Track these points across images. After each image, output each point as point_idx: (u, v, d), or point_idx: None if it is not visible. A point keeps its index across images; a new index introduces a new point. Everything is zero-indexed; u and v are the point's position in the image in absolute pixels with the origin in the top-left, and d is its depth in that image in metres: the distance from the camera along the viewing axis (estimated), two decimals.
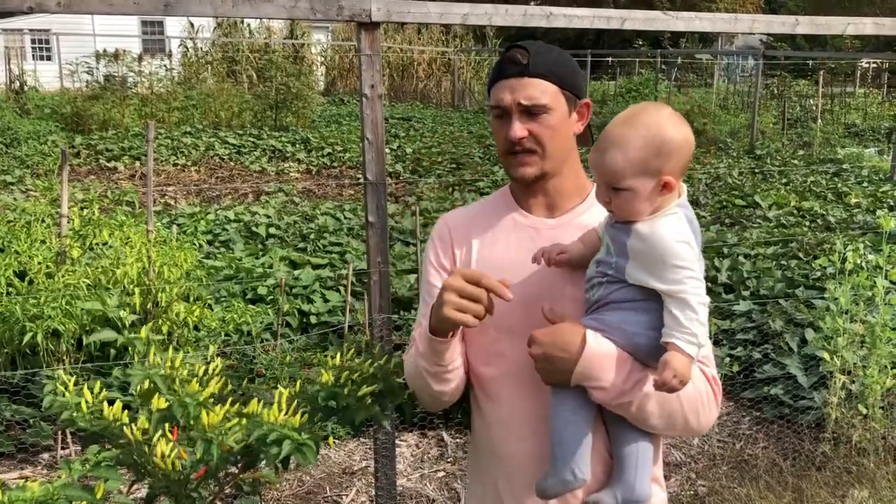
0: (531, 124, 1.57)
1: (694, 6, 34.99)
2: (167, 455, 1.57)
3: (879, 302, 3.77)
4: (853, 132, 16.30)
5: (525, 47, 1.59)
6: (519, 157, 1.59)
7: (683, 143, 1.42)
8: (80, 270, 4.01)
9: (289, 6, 2.74)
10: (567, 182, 1.65)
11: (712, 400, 1.54)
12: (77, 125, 14.51)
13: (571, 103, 1.61)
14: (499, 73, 1.61)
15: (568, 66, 1.61)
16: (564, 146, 1.61)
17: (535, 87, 1.56)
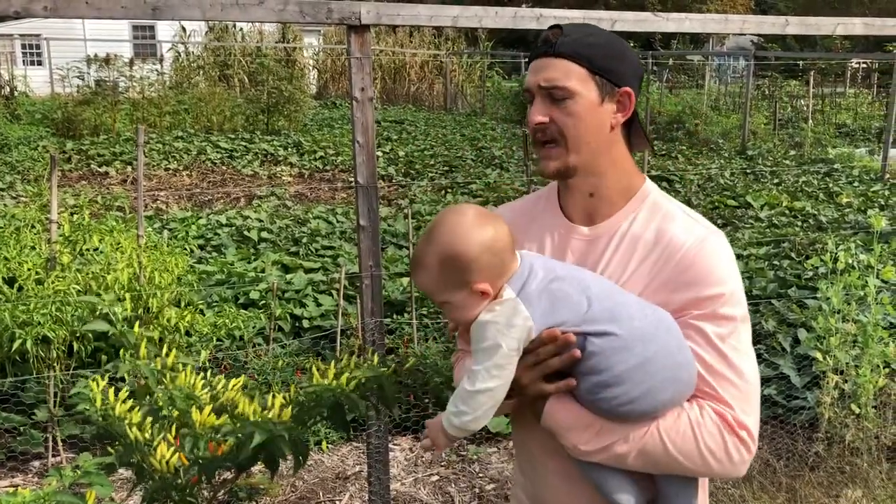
0: (554, 110, 1.42)
1: (685, 8, 35.12)
2: (166, 458, 1.56)
3: (871, 301, 3.78)
4: (844, 132, 16.36)
5: (561, 26, 1.44)
6: (542, 149, 1.46)
7: (479, 253, 1.35)
8: (71, 276, 3.99)
9: (278, 9, 2.73)
10: (609, 183, 1.48)
11: (728, 448, 1.35)
12: (68, 130, 14.46)
13: (605, 90, 1.42)
14: (532, 53, 1.47)
15: (604, 48, 1.43)
16: (595, 139, 1.44)
17: (557, 69, 1.41)
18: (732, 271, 1.42)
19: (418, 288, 1.46)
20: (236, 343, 4.49)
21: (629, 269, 1.44)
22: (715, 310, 1.38)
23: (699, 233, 1.43)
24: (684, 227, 1.44)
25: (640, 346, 1.33)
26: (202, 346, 4.17)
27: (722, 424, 1.35)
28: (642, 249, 1.44)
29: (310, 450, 3.96)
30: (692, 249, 1.40)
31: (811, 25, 3.43)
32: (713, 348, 1.37)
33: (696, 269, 1.39)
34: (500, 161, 12.27)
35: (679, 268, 1.40)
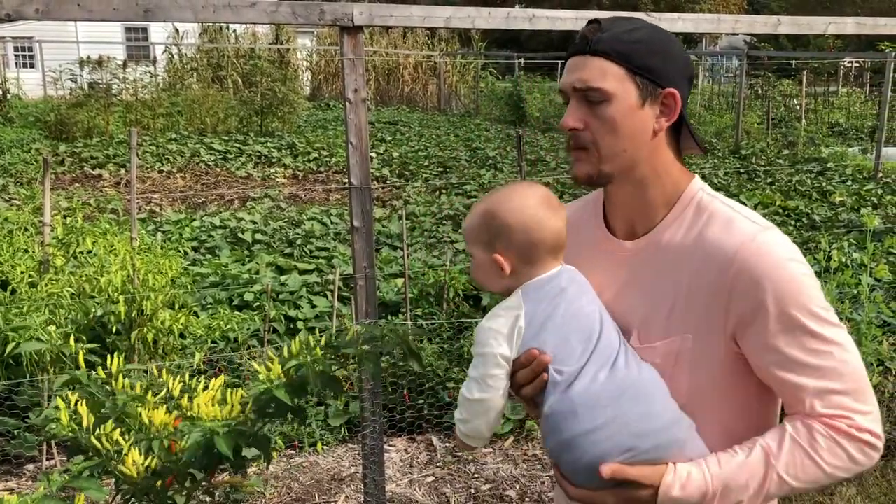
0: (589, 114, 1.30)
1: (678, 8, 35.19)
2: (138, 463, 1.56)
3: (864, 299, 3.79)
4: (837, 131, 16.41)
5: (600, 21, 1.31)
6: (574, 154, 1.34)
7: (516, 226, 1.31)
8: (64, 279, 3.98)
9: (270, 11, 2.72)
10: (651, 192, 1.34)
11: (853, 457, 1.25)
12: (61, 133, 14.42)
13: (647, 92, 1.29)
14: (569, 50, 1.35)
15: (646, 44, 1.28)
16: (633, 145, 1.30)
17: (592, 69, 1.28)
18: (792, 266, 1.25)
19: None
20: (231, 345, 4.48)
21: (674, 287, 1.31)
22: (785, 317, 1.24)
23: (746, 230, 1.27)
24: (728, 226, 1.29)
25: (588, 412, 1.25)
26: (196, 348, 4.16)
27: (838, 436, 1.24)
28: (684, 262, 1.30)
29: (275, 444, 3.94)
30: (739, 252, 1.25)
31: (803, 25, 3.44)
32: (798, 364, 1.24)
33: (748, 276, 1.24)
34: (494, 162, 12.28)
35: (726, 275, 1.25)
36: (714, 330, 1.28)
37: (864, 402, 1.26)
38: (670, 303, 1.30)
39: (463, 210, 8.59)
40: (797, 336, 1.24)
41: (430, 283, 5.24)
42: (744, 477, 1.25)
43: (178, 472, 1.66)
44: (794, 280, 1.25)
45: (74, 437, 1.67)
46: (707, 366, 1.30)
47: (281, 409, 1.71)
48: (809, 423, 1.26)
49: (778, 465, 1.25)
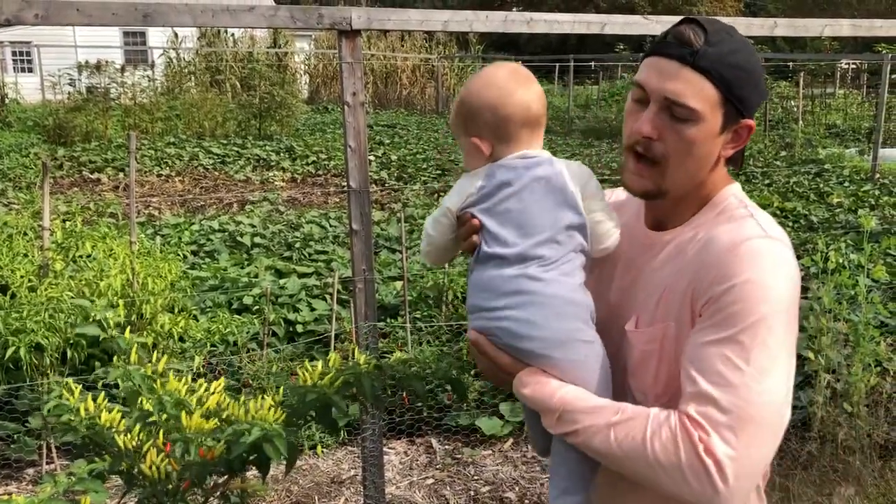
0: (667, 128, 1.24)
1: (675, 10, 35.26)
2: (156, 464, 1.56)
3: (862, 300, 3.80)
4: (834, 133, 16.44)
5: (704, 27, 1.23)
6: (637, 165, 1.29)
7: (483, 108, 1.35)
8: (64, 283, 3.98)
9: (268, 15, 2.74)
10: (689, 199, 1.33)
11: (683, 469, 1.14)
12: (60, 137, 14.43)
13: (730, 120, 1.25)
14: (659, 46, 1.26)
15: (746, 72, 1.23)
16: (697, 169, 1.28)
17: (691, 85, 1.21)
18: (769, 278, 1.18)
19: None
20: (230, 348, 4.49)
21: (666, 279, 1.30)
22: (727, 317, 1.18)
23: (747, 232, 1.23)
24: (733, 227, 1.25)
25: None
26: (196, 351, 4.17)
27: (682, 440, 1.15)
28: (683, 254, 1.29)
29: (300, 452, 3.96)
30: (730, 249, 1.21)
31: (799, 27, 3.46)
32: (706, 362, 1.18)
33: (724, 271, 1.19)
34: None
35: (708, 268, 1.22)
36: (689, 320, 1.25)
37: (739, 437, 1.13)
38: (661, 291, 1.29)
39: None
40: (725, 340, 1.17)
41: (429, 286, 5.25)
42: (586, 418, 1.24)
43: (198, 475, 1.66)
44: (763, 289, 1.17)
45: (92, 431, 1.67)
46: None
47: (323, 416, 1.73)
48: (672, 413, 1.19)
49: (616, 427, 1.20)
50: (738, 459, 1.13)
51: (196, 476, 1.59)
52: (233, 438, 1.58)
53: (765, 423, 1.16)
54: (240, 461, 1.62)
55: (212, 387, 1.75)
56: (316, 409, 1.72)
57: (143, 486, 1.59)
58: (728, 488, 1.13)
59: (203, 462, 1.59)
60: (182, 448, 1.57)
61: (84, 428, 1.69)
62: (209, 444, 1.60)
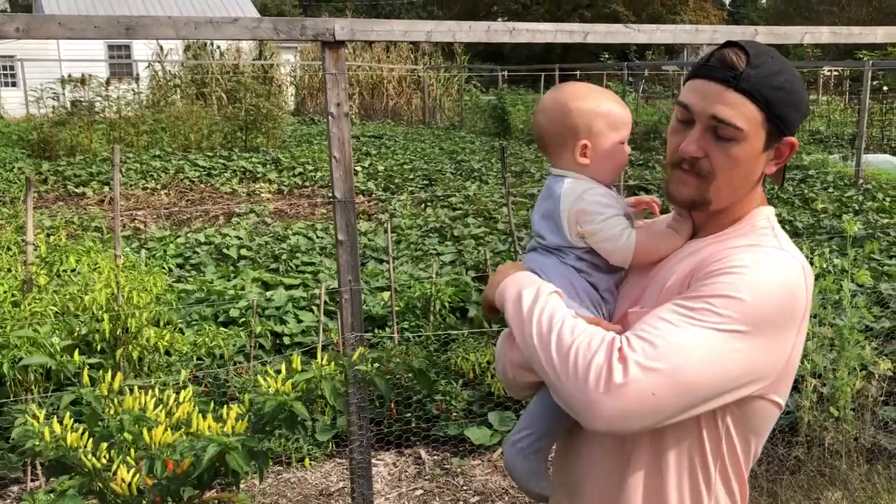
0: (713, 147, 1.29)
1: (658, 19, 35.52)
2: (127, 482, 1.55)
3: (846, 305, 3.83)
4: (818, 139, 16.58)
5: (747, 50, 1.28)
6: (683, 175, 1.33)
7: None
8: (48, 298, 3.95)
9: (251, 27, 2.74)
10: (729, 215, 1.37)
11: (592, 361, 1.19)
12: (44, 151, 14.34)
13: (773, 138, 1.31)
14: (703, 69, 1.31)
15: (790, 94, 1.29)
16: (741, 185, 1.33)
17: (735, 107, 1.27)
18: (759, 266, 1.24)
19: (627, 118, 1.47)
20: (217, 361, 4.47)
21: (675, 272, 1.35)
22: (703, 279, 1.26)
23: (762, 241, 1.31)
24: (752, 237, 1.32)
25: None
26: (182, 365, 4.14)
27: (605, 342, 1.21)
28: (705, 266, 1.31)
29: (284, 462, 3.93)
30: (735, 245, 1.29)
31: (780, 35, 3.49)
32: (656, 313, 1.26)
33: (719, 256, 1.27)
34: (479, 174, 12.32)
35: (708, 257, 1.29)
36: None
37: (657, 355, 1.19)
38: (666, 281, 1.34)
39: (448, 223, 8.61)
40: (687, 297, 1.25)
41: (416, 296, 5.25)
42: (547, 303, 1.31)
43: (170, 490, 1.65)
44: (751, 280, 1.22)
45: (59, 454, 1.66)
46: None
47: (290, 422, 1.71)
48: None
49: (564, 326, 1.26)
50: (636, 384, 1.17)
51: (168, 492, 1.58)
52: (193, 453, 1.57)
53: (675, 358, 1.19)
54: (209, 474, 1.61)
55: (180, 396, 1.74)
56: (278, 417, 1.71)
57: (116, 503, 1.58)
58: (611, 398, 1.17)
59: (174, 477, 1.58)
60: (148, 464, 1.56)
61: (51, 450, 1.68)
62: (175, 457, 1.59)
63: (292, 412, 1.72)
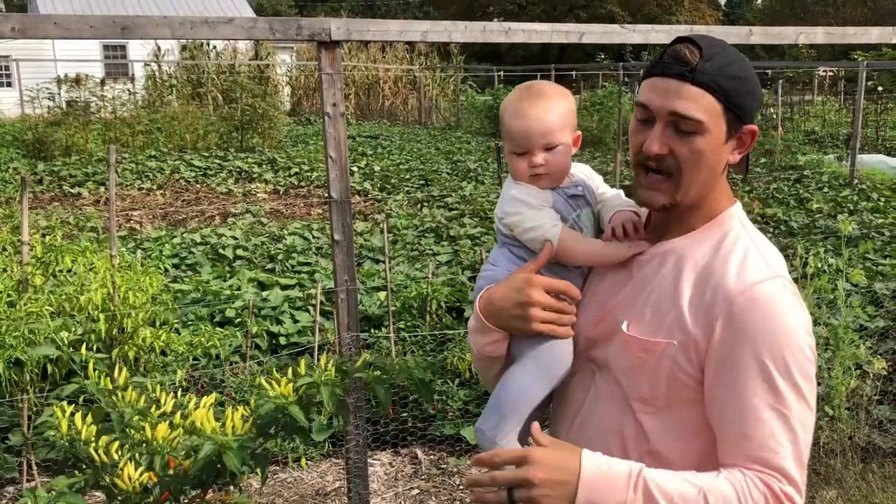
0: (676, 142, 1.30)
1: (654, 20, 35.57)
2: (134, 478, 1.55)
3: (841, 304, 3.84)
4: (813, 139, 16.62)
5: (698, 44, 1.29)
6: (649, 178, 1.35)
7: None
8: (43, 298, 3.95)
9: (247, 27, 2.74)
10: (696, 210, 1.38)
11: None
12: (39, 152, 14.30)
13: (733, 128, 1.32)
14: (657, 66, 1.32)
15: (744, 82, 1.32)
16: (708, 177, 1.34)
17: (693, 101, 1.28)
18: (786, 321, 1.27)
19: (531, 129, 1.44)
20: (213, 361, 4.46)
21: (676, 295, 1.34)
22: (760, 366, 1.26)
23: (757, 273, 1.30)
24: (742, 263, 1.32)
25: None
26: (178, 365, 4.14)
27: (769, 494, 1.24)
28: (693, 279, 1.33)
29: (285, 464, 3.94)
30: (743, 293, 1.28)
31: (774, 35, 3.50)
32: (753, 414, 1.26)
33: (741, 317, 1.27)
34: (475, 174, 12.33)
35: (722, 308, 1.28)
36: (694, 349, 1.31)
37: (802, 462, 1.26)
38: (667, 308, 1.34)
39: (444, 223, 8.61)
40: (764, 389, 1.26)
41: (412, 296, 5.25)
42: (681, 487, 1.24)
43: (173, 488, 1.65)
44: (783, 334, 1.27)
45: (72, 447, 1.67)
46: (680, 376, 1.33)
47: (289, 426, 1.71)
48: (746, 472, 1.25)
49: (709, 488, 1.24)
50: (799, 487, 1.27)
51: (173, 489, 1.59)
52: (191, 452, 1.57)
53: (806, 447, 1.28)
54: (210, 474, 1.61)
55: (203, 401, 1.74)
56: (277, 420, 1.71)
57: (122, 500, 1.58)
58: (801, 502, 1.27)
59: (177, 475, 1.58)
60: (148, 460, 1.56)
61: (66, 444, 1.69)
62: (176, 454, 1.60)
63: (291, 417, 1.72)
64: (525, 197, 1.45)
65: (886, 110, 17.62)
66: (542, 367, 1.42)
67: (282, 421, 1.74)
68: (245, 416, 1.69)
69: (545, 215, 1.44)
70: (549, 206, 1.45)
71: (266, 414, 1.72)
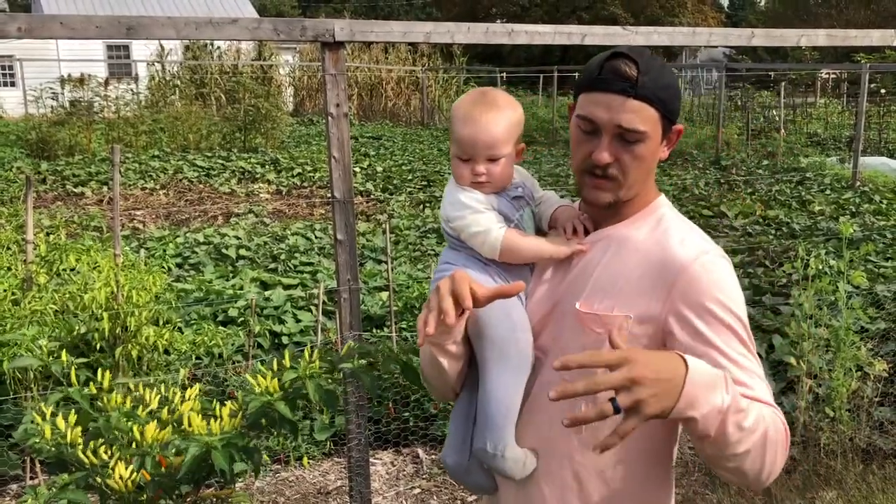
0: (621, 151, 1.41)
1: (656, 21, 35.55)
2: (125, 478, 1.57)
3: (842, 306, 3.85)
4: (815, 141, 16.62)
5: (635, 60, 1.39)
6: (596, 181, 1.45)
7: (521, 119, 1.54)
8: (47, 297, 3.97)
9: (252, 27, 2.76)
10: (632, 204, 1.50)
11: (786, 445, 1.35)
12: (43, 151, 14.34)
13: (666, 130, 1.46)
14: (597, 82, 1.41)
15: (674, 90, 1.44)
16: (646, 176, 1.48)
17: (636, 113, 1.39)
18: (741, 298, 1.42)
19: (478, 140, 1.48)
20: (215, 360, 4.48)
21: (624, 272, 1.43)
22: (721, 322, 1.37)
23: (698, 247, 1.43)
24: (683, 241, 1.44)
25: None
26: (181, 364, 4.15)
27: (780, 423, 1.34)
28: (639, 258, 1.44)
29: (266, 457, 3.93)
30: (690, 264, 1.40)
31: (776, 37, 3.51)
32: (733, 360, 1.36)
33: (692, 285, 1.38)
34: None
35: (673, 279, 1.39)
36: (649, 320, 1.41)
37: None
38: (620, 285, 1.43)
39: None
40: (734, 340, 1.38)
41: (414, 296, 5.26)
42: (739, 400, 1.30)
43: (166, 486, 1.66)
44: (734, 292, 1.41)
45: (59, 451, 1.68)
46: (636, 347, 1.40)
47: (277, 422, 1.72)
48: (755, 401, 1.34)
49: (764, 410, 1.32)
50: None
51: (166, 487, 1.60)
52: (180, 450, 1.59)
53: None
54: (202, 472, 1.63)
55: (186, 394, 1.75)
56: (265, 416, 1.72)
57: (116, 499, 1.60)
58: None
59: (169, 473, 1.60)
60: (139, 460, 1.58)
61: (52, 447, 1.70)
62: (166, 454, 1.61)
63: (278, 412, 1.73)
64: (468, 201, 1.50)
65: (889, 113, 17.60)
66: (514, 366, 1.44)
67: (270, 417, 1.75)
68: (234, 410, 1.70)
69: (489, 218, 1.48)
70: (493, 209, 1.50)
71: (254, 412, 1.73)
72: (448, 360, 1.48)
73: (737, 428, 1.25)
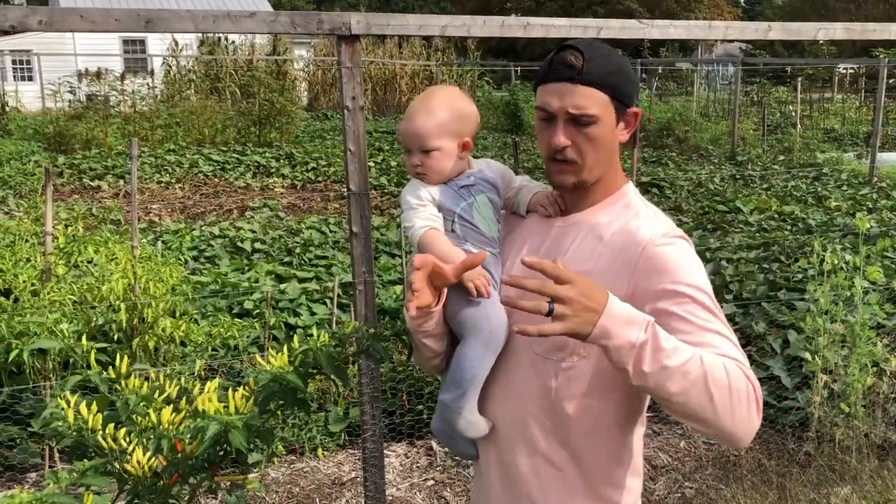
0: (576, 134, 1.52)
1: (672, 16, 35.36)
2: (143, 463, 1.59)
3: (858, 302, 3.83)
4: (832, 137, 16.50)
5: (580, 49, 1.51)
6: (559, 166, 1.56)
7: (476, 116, 1.69)
8: (66, 288, 4.02)
9: (269, 21, 2.77)
10: (600, 189, 1.60)
11: (749, 395, 1.38)
12: (60, 145, 14.46)
13: (620, 112, 1.55)
14: (549, 73, 1.54)
15: (623, 74, 1.54)
16: (606, 156, 1.57)
17: (585, 97, 1.50)
18: (702, 272, 1.50)
19: (410, 133, 1.64)
20: (231, 352, 4.52)
21: (593, 255, 1.53)
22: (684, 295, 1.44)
23: (660, 229, 1.52)
24: (650, 224, 1.53)
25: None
26: (197, 355, 4.19)
27: (740, 370, 1.39)
28: (606, 239, 1.54)
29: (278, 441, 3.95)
30: (651, 243, 1.49)
31: (793, 31, 3.49)
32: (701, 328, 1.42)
33: (653, 262, 1.47)
34: None
35: (637, 258, 1.48)
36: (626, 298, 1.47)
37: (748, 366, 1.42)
38: (588, 266, 1.52)
39: None
40: (703, 311, 1.45)
41: None
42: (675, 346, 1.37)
43: (182, 471, 1.69)
44: (698, 269, 1.50)
45: (80, 436, 1.70)
46: None
47: (289, 398, 1.74)
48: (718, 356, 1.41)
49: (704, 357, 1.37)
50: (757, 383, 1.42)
51: (182, 471, 1.62)
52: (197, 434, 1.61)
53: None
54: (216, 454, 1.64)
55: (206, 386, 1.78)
56: (278, 392, 1.74)
57: (131, 484, 1.62)
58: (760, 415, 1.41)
59: (186, 457, 1.62)
60: (155, 444, 1.60)
61: (73, 433, 1.72)
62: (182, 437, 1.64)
63: (291, 388, 1.75)
64: (408, 197, 1.64)
65: None
66: (486, 340, 1.56)
67: (281, 393, 1.77)
68: (246, 395, 1.72)
69: (419, 215, 1.60)
70: (430, 203, 1.61)
71: (265, 386, 1.75)
72: (431, 339, 1.62)
73: (658, 366, 1.33)
